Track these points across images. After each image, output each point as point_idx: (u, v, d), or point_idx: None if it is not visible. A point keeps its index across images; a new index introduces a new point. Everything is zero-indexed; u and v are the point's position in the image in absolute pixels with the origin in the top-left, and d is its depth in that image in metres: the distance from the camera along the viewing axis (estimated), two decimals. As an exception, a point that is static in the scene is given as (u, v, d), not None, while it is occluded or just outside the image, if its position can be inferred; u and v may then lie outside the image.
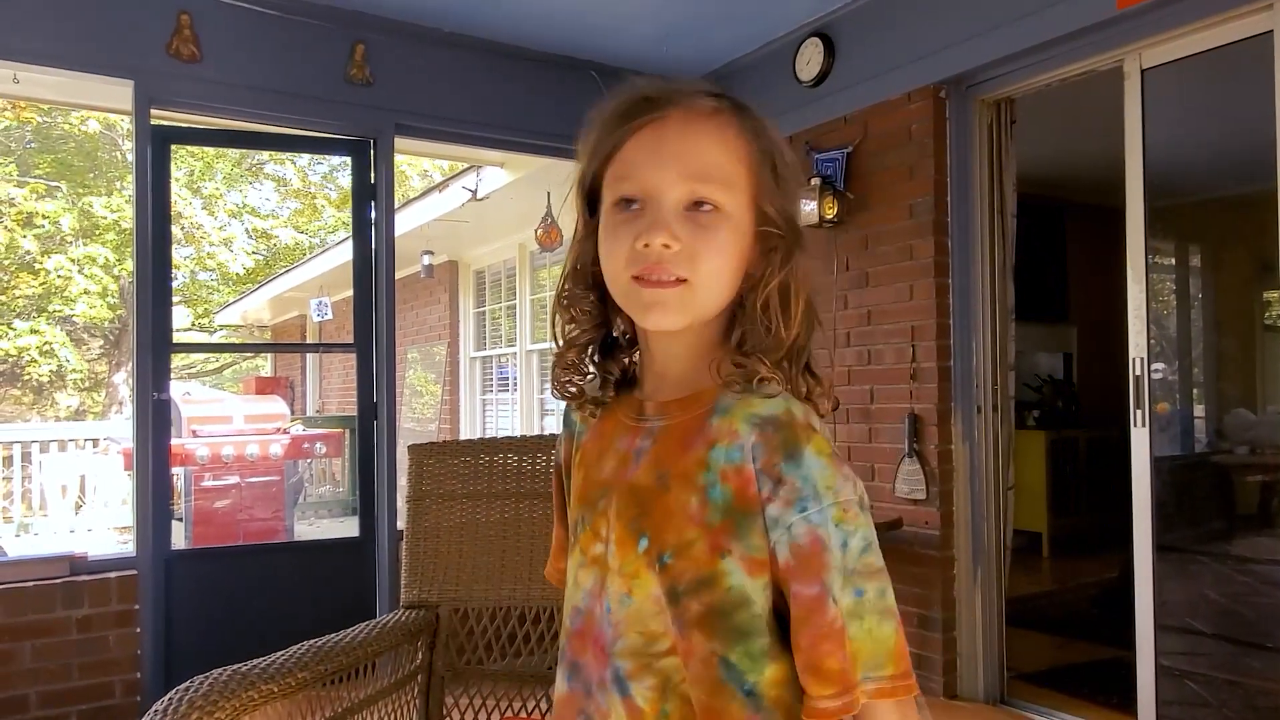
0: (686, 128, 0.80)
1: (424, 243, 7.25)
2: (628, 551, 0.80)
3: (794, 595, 0.75)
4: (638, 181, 0.79)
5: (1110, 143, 2.82)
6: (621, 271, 0.79)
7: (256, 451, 5.26)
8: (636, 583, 0.80)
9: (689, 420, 0.81)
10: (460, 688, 1.79)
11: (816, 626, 0.73)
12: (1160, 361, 5.36)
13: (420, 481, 1.88)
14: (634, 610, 0.80)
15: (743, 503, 0.76)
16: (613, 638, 0.81)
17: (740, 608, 0.76)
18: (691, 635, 0.77)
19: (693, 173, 0.78)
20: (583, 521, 0.87)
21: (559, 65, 3.84)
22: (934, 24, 3.09)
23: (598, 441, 0.89)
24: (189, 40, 3.09)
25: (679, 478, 0.79)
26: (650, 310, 0.79)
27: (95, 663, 2.93)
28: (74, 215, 11.55)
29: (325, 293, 8.27)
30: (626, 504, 0.82)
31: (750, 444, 0.77)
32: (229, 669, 1.26)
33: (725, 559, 0.76)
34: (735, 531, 0.76)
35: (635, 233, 0.78)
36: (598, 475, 0.87)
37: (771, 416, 0.77)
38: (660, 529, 0.79)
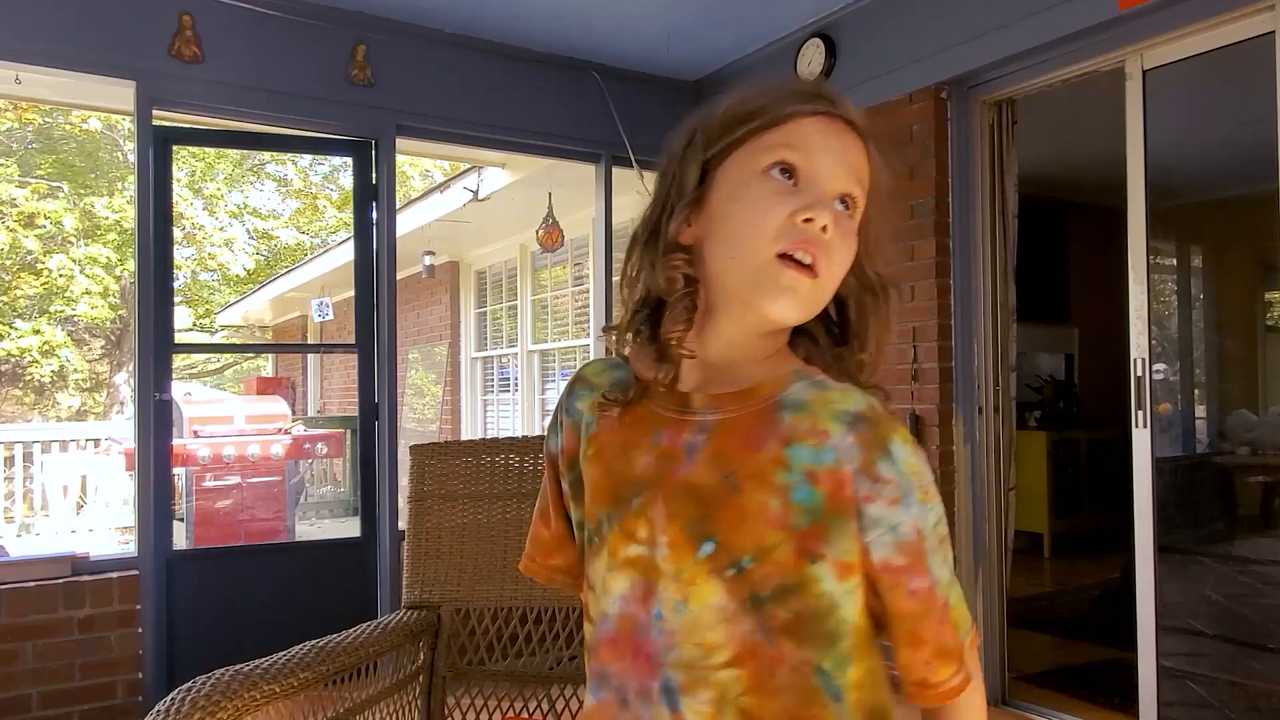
0: (850, 135, 0.79)
1: (425, 243, 7.25)
2: (684, 556, 0.75)
3: (910, 592, 0.74)
4: (808, 155, 0.76)
5: (1112, 143, 2.82)
6: (766, 244, 0.74)
7: (258, 452, 5.26)
8: (694, 590, 0.74)
9: (750, 415, 0.77)
10: (462, 688, 1.80)
11: (937, 615, 0.75)
12: (1162, 362, 5.36)
13: (422, 482, 1.88)
14: (690, 619, 0.74)
15: (836, 506, 0.73)
16: (664, 647, 0.75)
17: (831, 614, 0.74)
18: (781, 643, 0.73)
19: (854, 173, 0.78)
20: (608, 521, 0.80)
21: (561, 66, 3.84)
22: (935, 24, 3.09)
23: (620, 433, 0.82)
24: (191, 41, 3.09)
25: (751, 478, 0.74)
26: (783, 296, 0.74)
27: (97, 663, 2.93)
28: (75, 215, 11.56)
29: (326, 293, 8.28)
30: (682, 505, 0.76)
31: (846, 444, 0.74)
32: (231, 669, 1.26)
33: (815, 564, 0.73)
34: (827, 536, 0.73)
35: (794, 206, 0.74)
36: (626, 470, 0.80)
37: (860, 414, 0.75)
38: (733, 533, 0.74)
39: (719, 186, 0.78)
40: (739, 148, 0.77)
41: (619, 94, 3.95)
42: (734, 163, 0.77)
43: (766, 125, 0.77)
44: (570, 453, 0.88)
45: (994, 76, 3.04)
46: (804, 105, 0.77)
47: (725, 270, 0.77)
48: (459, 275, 8.29)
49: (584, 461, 0.85)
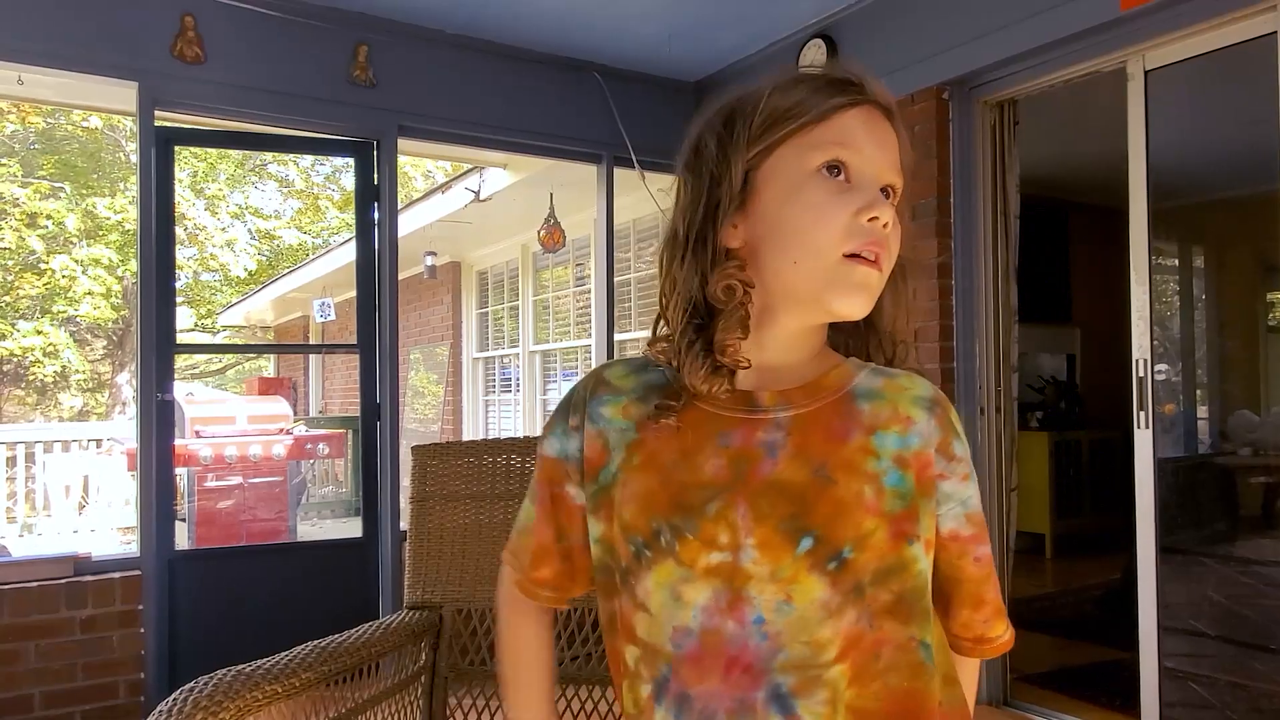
0: (890, 124, 0.79)
1: (427, 243, 7.25)
2: (781, 555, 0.73)
3: (978, 559, 0.81)
4: (858, 151, 0.76)
5: (1113, 144, 2.82)
6: (833, 247, 0.74)
7: (259, 452, 5.27)
8: (797, 588, 0.73)
9: (826, 408, 0.78)
10: (464, 688, 1.80)
11: (995, 579, 0.84)
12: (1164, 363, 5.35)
13: (423, 482, 1.88)
14: (797, 618, 0.72)
15: (924, 487, 0.77)
16: (769, 651, 0.72)
17: (926, 590, 0.78)
18: (884, 623, 0.75)
19: (894, 162, 0.79)
20: (674, 530, 0.75)
21: (562, 66, 3.84)
22: (937, 25, 3.09)
23: (675, 439, 0.78)
24: (193, 42, 3.10)
25: (843, 468, 0.75)
26: (857, 292, 0.75)
27: (99, 663, 2.94)
28: (78, 216, 11.58)
29: (328, 293, 8.27)
30: (771, 504, 0.74)
31: (930, 428, 0.78)
32: (233, 669, 1.26)
33: (912, 545, 0.75)
34: (919, 517, 0.76)
35: (854, 206, 0.74)
36: (691, 477, 0.76)
37: (933, 398, 0.80)
38: (833, 525, 0.73)
39: (766, 187, 0.77)
40: (782, 145, 0.76)
41: (620, 94, 3.95)
42: (780, 162, 0.76)
43: (812, 121, 0.76)
44: (595, 463, 0.82)
45: (996, 77, 3.04)
46: (844, 98, 0.77)
47: (787, 273, 0.76)
48: (460, 276, 8.30)
49: (628, 471, 0.79)
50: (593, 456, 0.83)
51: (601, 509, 0.81)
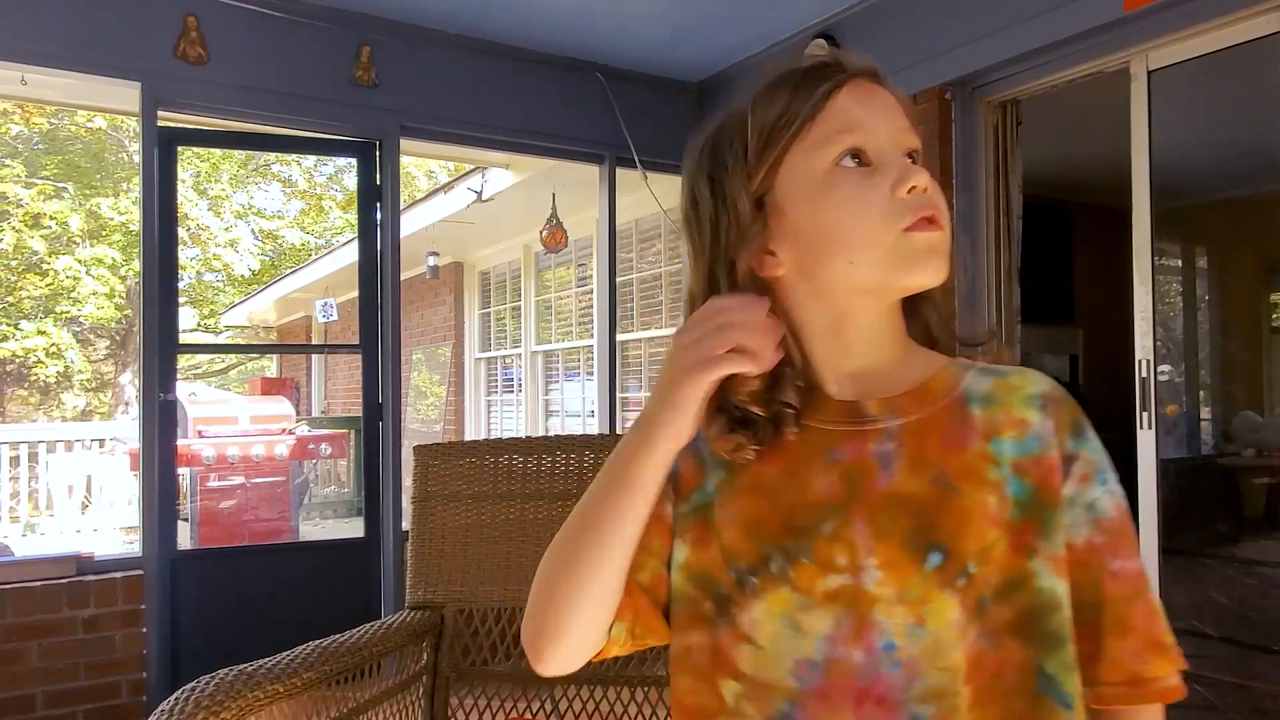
0: (882, 91, 0.74)
1: (429, 244, 7.26)
2: (908, 573, 0.67)
3: (1114, 573, 0.70)
4: (866, 133, 0.71)
5: (1117, 144, 2.82)
6: (885, 231, 0.69)
7: (262, 452, 5.27)
8: (929, 609, 0.67)
9: (938, 413, 0.72)
10: (465, 688, 1.80)
11: (1148, 602, 0.70)
12: (1167, 364, 5.35)
13: (425, 482, 1.88)
14: (932, 642, 0.66)
15: (1047, 495, 0.70)
16: (904, 681, 0.66)
17: (1053, 611, 0.68)
18: (1005, 643, 0.67)
19: (906, 126, 0.74)
20: (787, 555, 0.70)
21: (564, 67, 3.84)
22: (939, 25, 3.09)
23: (778, 458, 0.73)
24: (196, 42, 3.10)
25: (965, 477, 0.69)
26: (928, 258, 0.70)
27: (101, 662, 2.94)
28: (81, 216, 11.60)
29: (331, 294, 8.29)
30: (892, 518, 0.69)
31: (1046, 429, 0.71)
32: (234, 669, 1.26)
33: (1033, 559, 0.68)
34: (1040, 529, 0.69)
35: (886, 184, 0.70)
36: (801, 497, 0.71)
37: (1046, 394, 0.73)
38: (960, 537, 0.68)
39: (789, 203, 0.72)
40: (787, 155, 0.72)
41: (623, 95, 3.95)
42: (793, 173, 0.72)
43: (808, 119, 0.71)
44: (689, 482, 0.77)
45: (998, 77, 3.04)
46: (829, 83, 0.72)
47: (848, 275, 0.71)
48: (463, 276, 8.30)
49: (729, 492, 0.74)
50: (686, 475, 0.77)
51: (690, 532, 0.75)
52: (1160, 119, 2.70)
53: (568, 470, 1.85)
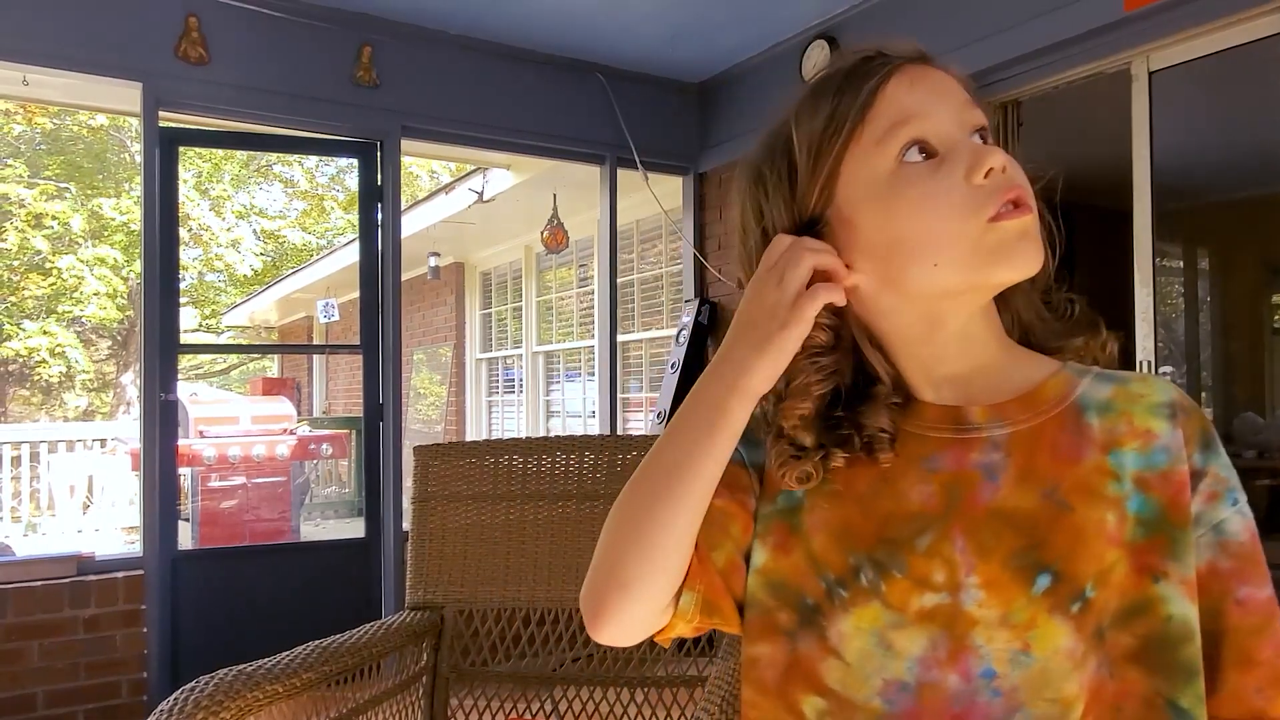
0: (935, 72, 0.68)
1: (430, 244, 7.26)
2: (1014, 595, 0.63)
3: (1241, 601, 0.63)
4: (925, 120, 0.65)
5: (1118, 145, 2.82)
6: (970, 224, 0.63)
7: (263, 452, 5.28)
8: (1036, 634, 0.62)
9: (1049, 422, 0.67)
10: (465, 689, 1.80)
11: (1277, 634, 0.64)
12: (1168, 365, 5.34)
13: (425, 483, 1.88)
14: (1038, 671, 0.62)
15: (1176, 514, 0.63)
16: (1004, 711, 0.62)
17: (1186, 641, 0.62)
18: (1126, 672, 0.62)
19: (966, 101, 0.68)
20: (878, 567, 0.66)
21: (566, 67, 3.85)
22: (939, 26, 3.09)
23: (870, 464, 0.68)
24: (197, 43, 3.10)
25: (1080, 492, 0.64)
26: (1021, 245, 0.64)
27: (102, 662, 2.94)
28: (83, 216, 11.62)
29: (332, 294, 8.31)
30: (997, 535, 0.64)
31: (1176, 441, 0.65)
32: (234, 669, 1.26)
33: (1160, 583, 0.62)
34: (1169, 550, 0.63)
35: (959, 172, 0.63)
36: (897, 506, 0.67)
37: (1175, 402, 0.66)
38: (1074, 559, 0.62)
39: (856, 213, 0.66)
40: (844, 164, 0.66)
41: (623, 95, 3.95)
42: (853, 180, 0.66)
43: (858, 120, 0.66)
44: (777, 482, 0.72)
45: (999, 78, 3.03)
46: (875, 77, 0.66)
47: (933, 278, 0.65)
48: (464, 276, 8.31)
49: (818, 496, 0.70)
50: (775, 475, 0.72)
51: (772, 535, 0.71)
52: (1161, 120, 2.69)
53: (568, 471, 1.86)
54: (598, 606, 0.68)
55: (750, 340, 0.64)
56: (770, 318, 0.64)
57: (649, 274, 5.92)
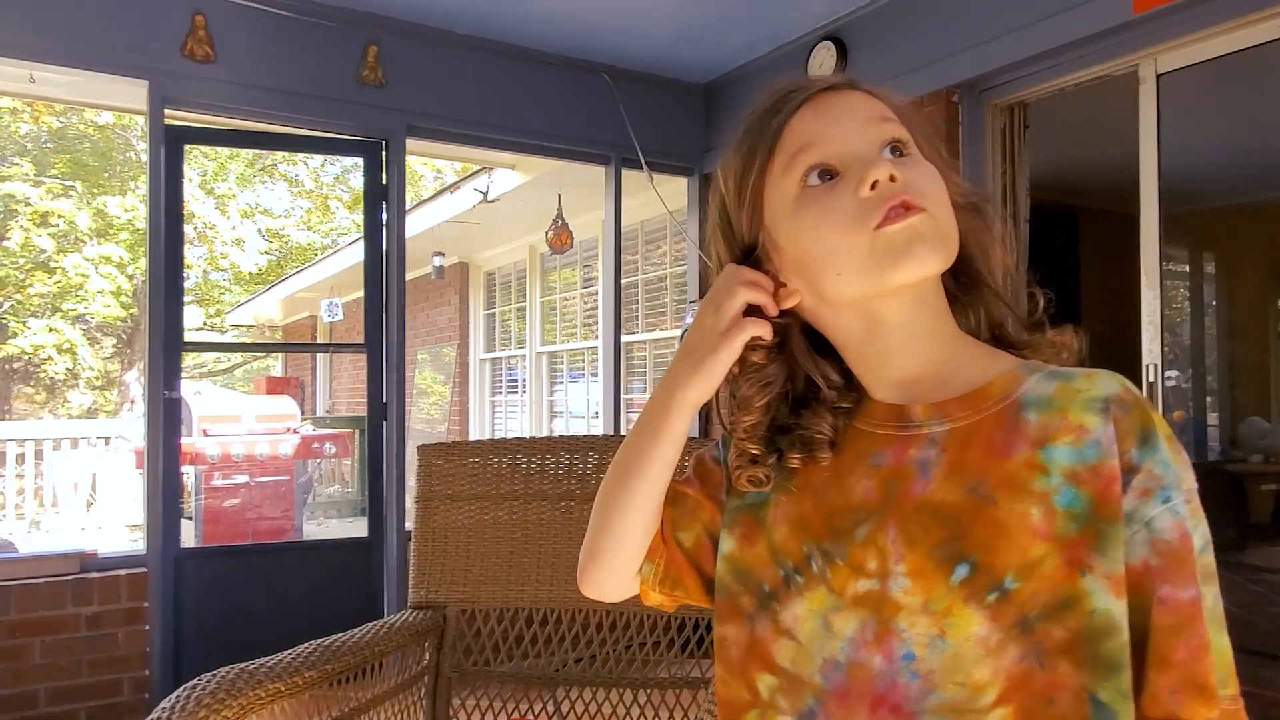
0: (840, 96, 0.73)
1: (435, 244, 7.27)
2: (935, 584, 0.66)
3: (1163, 600, 0.64)
4: (823, 144, 0.70)
5: (1125, 148, 2.81)
6: (857, 234, 0.67)
7: (266, 451, 5.28)
8: (951, 621, 0.65)
9: (987, 419, 0.69)
10: (467, 689, 1.79)
11: (1197, 636, 0.64)
12: (1174, 369, 5.33)
13: (429, 482, 1.88)
14: (951, 656, 0.65)
15: (1105, 508, 0.64)
16: (920, 692, 0.66)
17: (1108, 635, 0.63)
18: (1058, 664, 0.64)
19: (872, 118, 0.72)
20: (824, 555, 0.71)
21: (572, 67, 3.84)
22: (947, 27, 3.08)
23: (830, 461, 0.74)
24: (203, 41, 3.10)
25: (1005, 487, 0.66)
26: (911, 247, 0.67)
27: (104, 659, 2.94)
28: (89, 214, 11.65)
29: (336, 293, 8.32)
30: (924, 527, 0.68)
31: (1108, 435, 0.65)
32: (236, 667, 1.26)
33: (1086, 576, 0.64)
34: (1097, 544, 0.64)
35: (850, 189, 0.68)
36: (843, 499, 0.72)
37: (1114, 397, 0.67)
38: (992, 551, 0.65)
39: (778, 234, 0.73)
40: (763, 192, 0.73)
41: (629, 96, 3.95)
42: (771, 206, 0.73)
43: (768, 151, 0.72)
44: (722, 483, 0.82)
45: (1006, 80, 3.02)
46: (785, 111, 0.72)
47: (841, 287, 0.70)
48: (468, 276, 8.31)
49: (781, 493, 0.76)
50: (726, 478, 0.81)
51: (739, 526, 0.78)
52: (1169, 123, 2.68)
53: (570, 471, 1.85)
54: (580, 569, 0.84)
55: (689, 361, 0.73)
56: (704, 343, 0.72)
57: (653, 275, 5.91)
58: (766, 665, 0.74)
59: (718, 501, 0.81)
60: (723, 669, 0.77)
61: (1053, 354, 0.75)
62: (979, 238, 0.76)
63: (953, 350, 0.74)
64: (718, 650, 0.78)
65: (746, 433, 0.76)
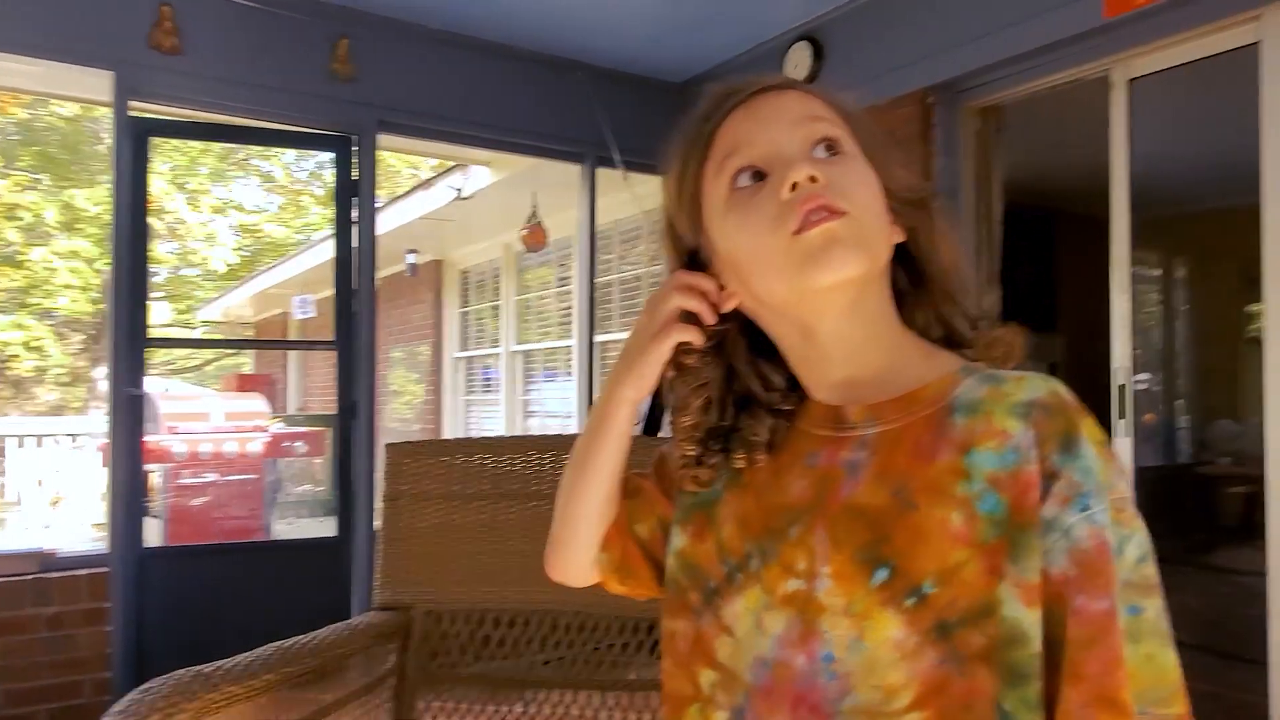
0: (774, 97, 0.73)
1: (409, 241, 7.21)
2: (855, 586, 0.66)
3: (1076, 611, 0.62)
4: (751, 147, 0.71)
5: (1098, 152, 2.82)
6: (778, 237, 0.68)
7: (235, 449, 5.21)
8: (869, 624, 0.65)
9: (917, 422, 0.69)
10: (433, 692, 1.76)
11: (1110, 649, 0.62)
12: (1145, 372, 5.39)
13: (396, 481, 1.85)
14: (868, 658, 0.65)
15: (1021, 515, 0.63)
16: (837, 693, 0.66)
17: (1016, 644, 0.63)
18: (977, 672, 0.63)
19: (802, 117, 0.71)
20: (760, 555, 0.72)
21: (547, 65, 3.81)
22: (922, 29, 3.09)
23: (770, 460, 0.75)
24: (170, 32, 3.05)
25: (927, 492, 0.66)
26: (828, 252, 0.66)
27: (64, 661, 2.89)
28: (56, 208, 11.46)
29: (309, 290, 8.23)
30: (849, 529, 0.68)
31: (1028, 440, 0.64)
32: (191, 670, 1.23)
33: (1002, 584, 0.63)
34: (1011, 551, 0.63)
35: (771, 190, 0.68)
36: (780, 498, 0.73)
37: (1038, 401, 0.66)
38: (911, 555, 0.65)
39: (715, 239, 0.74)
40: (700, 199, 0.74)
41: (605, 94, 3.93)
42: (706, 211, 0.74)
43: (700, 157, 0.73)
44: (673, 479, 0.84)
45: (980, 82, 3.03)
46: (717, 116, 0.73)
47: (769, 290, 0.71)
48: (443, 274, 8.25)
49: (729, 490, 0.77)
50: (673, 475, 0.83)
51: (691, 523, 0.79)
52: (1140, 128, 2.70)
53: (541, 471, 1.83)
54: (545, 555, 0.90)
55: (625, 361, 0.77)
56: (637, 345, 0.76)
57: (629, 274, 5.90)
58: (708, 660, 0.74)
59: (671, 496, 0.83)
60: (670, 662, 0.78)
61: (1000, 353, 0.74)
62: (927, 235, 0.74)
63: (893, 352, 0.74)
64: (666, 644, 0.79)
65: (684, 434, 0.77)
